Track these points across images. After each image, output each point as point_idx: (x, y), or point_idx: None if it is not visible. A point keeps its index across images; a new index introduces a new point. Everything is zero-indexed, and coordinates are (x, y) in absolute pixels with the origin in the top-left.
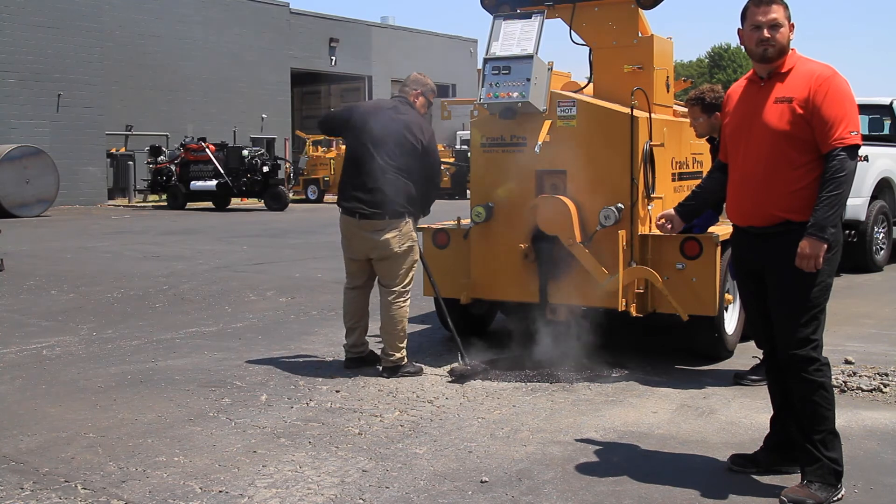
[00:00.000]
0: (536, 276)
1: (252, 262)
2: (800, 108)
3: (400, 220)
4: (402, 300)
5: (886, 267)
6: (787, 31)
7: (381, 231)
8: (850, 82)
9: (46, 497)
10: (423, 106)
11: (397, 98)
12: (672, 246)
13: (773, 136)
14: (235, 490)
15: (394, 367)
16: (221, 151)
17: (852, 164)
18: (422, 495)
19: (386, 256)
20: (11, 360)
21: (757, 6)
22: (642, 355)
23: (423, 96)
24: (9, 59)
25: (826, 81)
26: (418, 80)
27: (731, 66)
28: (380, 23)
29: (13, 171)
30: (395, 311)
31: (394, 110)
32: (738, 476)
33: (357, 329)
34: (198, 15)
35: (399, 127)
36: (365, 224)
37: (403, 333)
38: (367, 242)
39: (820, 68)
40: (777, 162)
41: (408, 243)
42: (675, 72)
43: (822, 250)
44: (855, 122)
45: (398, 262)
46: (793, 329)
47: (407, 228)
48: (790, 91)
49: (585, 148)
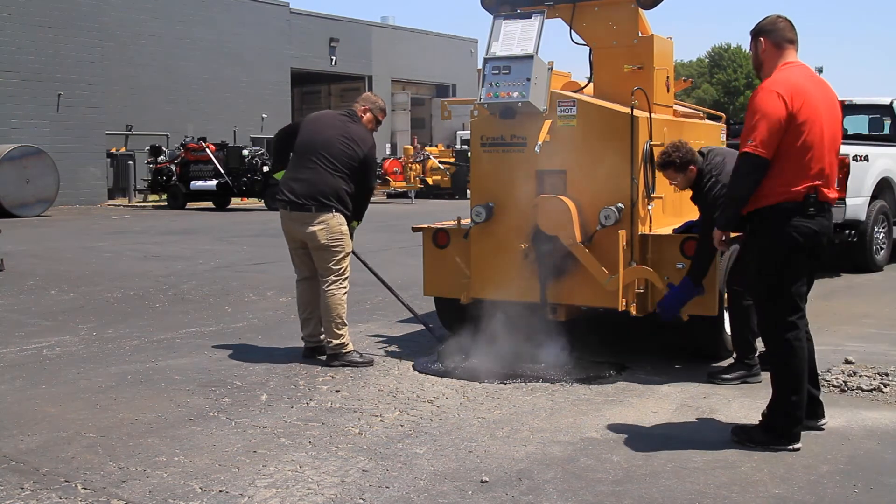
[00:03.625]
0: (536, 275)
1: (252, 262)
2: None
3: (326, 214)
4: (335, 287)
5: (886, 267)
6: (753, 52)
7: (308, 224)
8: (849, 82)
9: (46, 497)
10: (370, 122)
11: (346, 110)
12: (672, 246)
13: None
14: (235, 490)
15: (333, 353)
16: (221, 151)
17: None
18: (422, 495)
19: (315, 248)
20: (11, 360)
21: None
22: (642, 355)
23: (370, 112)
24: (9, 59)
25: (754, 94)
26: (369, 98)
27: (731, 66)
28: (380, 23)
29: (13, 170)
30: (328, 298)
31: (339, 119)
32: (738, 476)
33: (311, 319)
34: (198, 15)
35: (340, 133)
36: (294, 216)
37: (340, 320)
38: (298, 233)
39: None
40: None
41: (336, 237)
42: (675, 72)
43: (717, 236)
44: (755, 133)
45: (327, 254)
46: None
47: (335, 222)
48: None
49: (585, 148)
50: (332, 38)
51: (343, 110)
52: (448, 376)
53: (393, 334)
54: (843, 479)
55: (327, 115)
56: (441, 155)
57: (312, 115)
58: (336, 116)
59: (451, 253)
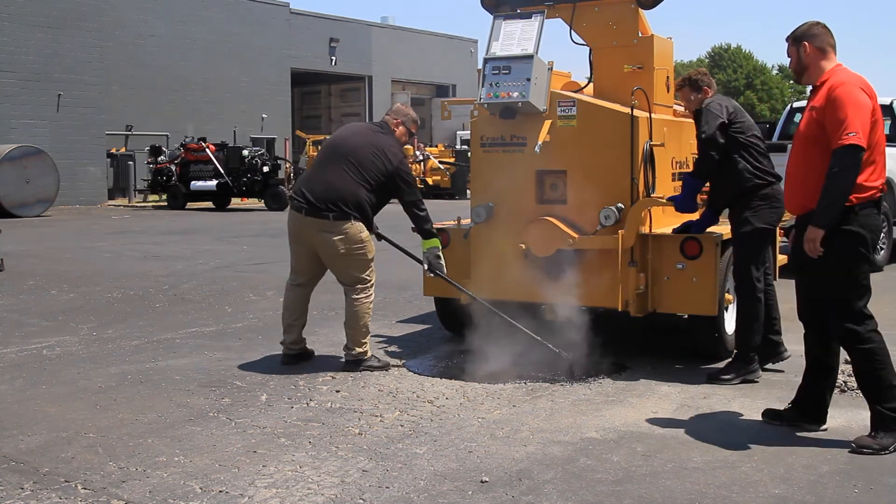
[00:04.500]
0: (536, 275)
1: (252, 262)
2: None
3: (345, 222)
4: (363, 296)
5: (886, 267)
6: (795, 57)
7: (326, 232)
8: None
9: (46, 497)
10: (403, 135)
11: (378, 122)
12: (672, 246)
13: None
14: (235, 490)
15: (355, 360)
16: (221, 151)
17: (847, 161)
18: (422, 495)
19: (333, 256)
20: (11, 360)
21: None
22: (642, 355)
23: (403, 125)
24: (9, 59)
25: (832, 90)
26: (400, 111)
27: (731, 66)
28: (380, 23)
29: (13, 171)
30: (356, 307)
31: (370, 129)
32: (738, 476)
33: (296, 326)
34: (198, 15)
35: (371, 145)
36: (309, 221)
37: (366, 329)
38: (313, 239)
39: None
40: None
41: (357, 245)
42: (675, 72)
43: (819, 235)
44: (854, 125)
45: (348, 262)
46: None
47: (354, 230)
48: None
49: (585, 148)
50: (332, 38)
51: (375, 122)
52: (445, 376)
53: (393, 334)
54: (843, 479)
55: (358, 125)
56: (441, 155)
57: (344, 126)
58: (367, 127)
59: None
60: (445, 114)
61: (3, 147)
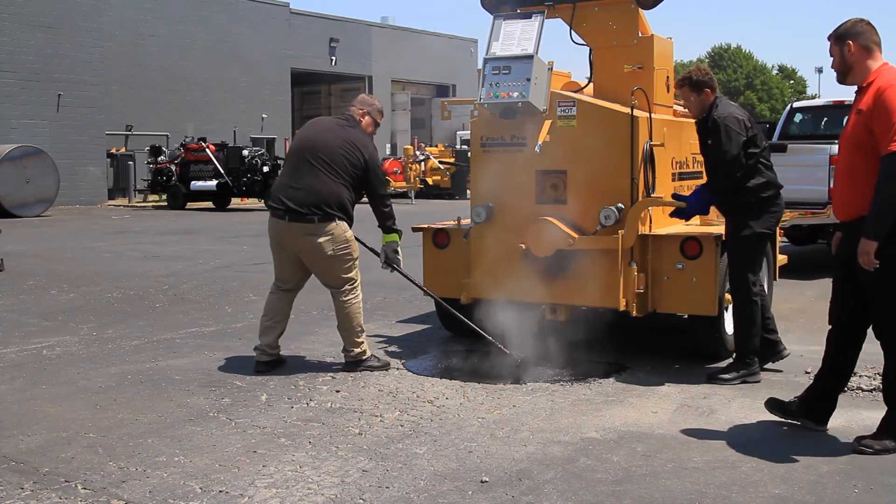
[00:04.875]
0: (536, 275)
1: (252, 262)
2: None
3: (329, 224)
4: (352, 297)
5: None
6: (839, 56)
7: (312, 235)
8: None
9: (46, 497)
10: (370, 125)
11: (343, 115)
12: (672, 246)
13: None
14: (235, 490)
15: (354, 361)
16: (221, 151)
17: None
18: (422, 495)
19: (320, 259)
20: (11, 360)
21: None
22: (642, 355)
23: (369, 115)
24: (9, 59)
25: (880, 93)
26: (365, 101)
27: (731, 66)
28: (380, 23)
29: (13, 171)
30: (348, 308)
31: (336, 124)
32: (739, 476)
33: (274, 329)
34: (198, 15)
35: (340, 140)
36: (294, 226)
37: (360, 328)
38: (297, 244)
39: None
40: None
41: (342, 245)
42: (675, 72)
43: (872, 248)
44: None
45: (335, 264)
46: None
47: (339, 231)
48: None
49: (585, 148)
50: (332, 38)
51: (340, 115)
52: (445, 376)
53: (393, 334)
54: (843, 479)
55: (325, 121)
56: (441, 155)
57: (309, 121)
58: (334, 122)
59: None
60: (445, 114)
61: (3, 147)
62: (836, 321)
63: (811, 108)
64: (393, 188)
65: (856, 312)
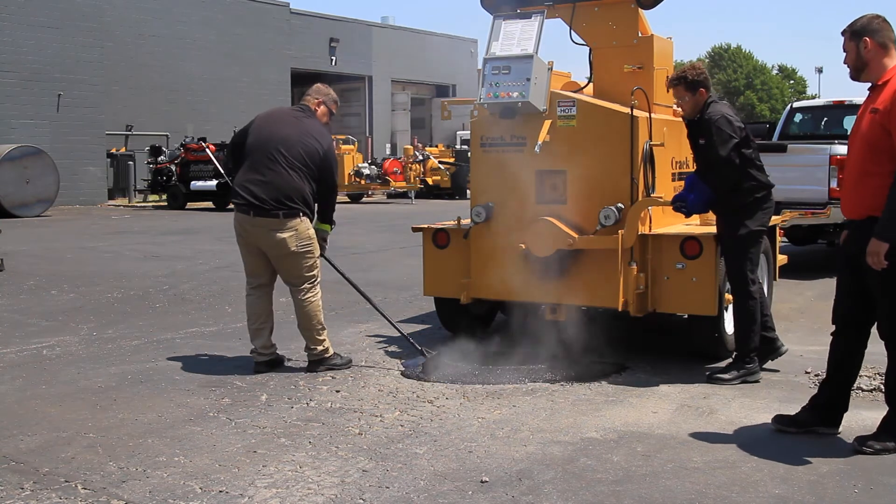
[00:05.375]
0: (536, 275)
1: None
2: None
3: (294, 219)
4: (311, 294)
5: None
6: (854, 52)
7: (276, 231)
8: (850, 82)
9: (46, 497)
10: (325, 115)
11: (298, 105)
12: (672, 246)
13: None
14: (235, 490)
15: (318, 359)
16: (221, 151)
17: None
18: (422, 495)
19: (283, 255)
20: (11, 360)
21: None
22: (642, 355)
23: (324, 105)
24: (9, 59)
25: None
26: (320, 90)
27: (730, 66)
28: (380, 23)
29: (13, 171)
30: (307, 306)
31: (293, 115)
32: (739, 476)
33: (264, 330)
34: (198, 15)
35: (297, 131)
36: (259, 221)
37: (321, 326)
38: (262, 239)
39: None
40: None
41: (305, 242)
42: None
43: (883, 249)
44: None
45: (298, 260)
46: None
47: (303, 227)
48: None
49: (585, 148)
50: (332, 38)
51: (296, 106)
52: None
53: (393, 334)
54: (843, 479)
55: (281, 112)
56: (441, 155)
57: (263, 113)
58: (290, 113)
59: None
60: (445, 114)
61: (3, 147)
62: (840, 321)
63: (811, 108)
64: (393, 188)
65: (860, 311)
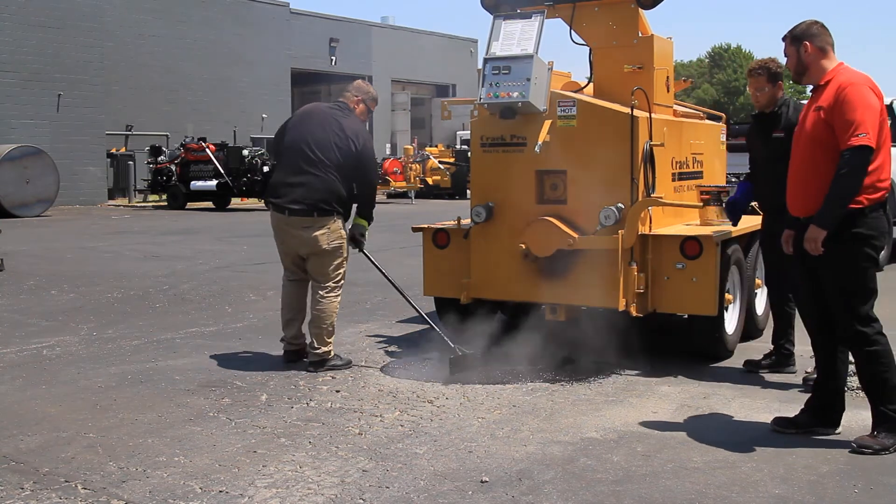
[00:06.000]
0: (536, 275)
1: (252, 262)
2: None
3: (328, 219)
4: (332, 295)
5: (886, 267)
6: (795, 56)
7: (309, 228)
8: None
9: (46, 497)
10: (363, 113)
11: (336, 102)
12: (672, 246)
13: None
14: (235, 490)
15: (320, 360)
16: (221, 151)
17: (856, 162)
18: (422, 495)
19: (315, 253)
20: (11, 360)
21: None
22: (642, 355)
23: (363, 103)
24: (9, 59)
25: (841, 90)
26: (360, 88)
27: (730, 66)
28: (380, 23)
29: (13, 171)
30: (324, 305)
31: (331, 113)
32: (739, 476)
33: (296, 321)
34: (198, 15)
35: (335, 128)
36: (294, 220)
37: (332, 328)
38: (296, 239)
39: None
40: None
41: (336, 241)
42: (675, 72)
43: (821, 235)
44: (864, 125)
45: (327, 259)
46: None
47: (335, 226)
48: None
49: (585, 148)
50: (332, 38)
51: (334, 103)
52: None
53: (393, 334)
54: (843, 479)
55: (318, 110)
56: (441, 155)
57: (302, 109)
58: (328, 111)
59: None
60: (445, 114)
61: (3, 147)
62: (812, 325)
63: None
64: (393, 188)
65: (826, 311)
